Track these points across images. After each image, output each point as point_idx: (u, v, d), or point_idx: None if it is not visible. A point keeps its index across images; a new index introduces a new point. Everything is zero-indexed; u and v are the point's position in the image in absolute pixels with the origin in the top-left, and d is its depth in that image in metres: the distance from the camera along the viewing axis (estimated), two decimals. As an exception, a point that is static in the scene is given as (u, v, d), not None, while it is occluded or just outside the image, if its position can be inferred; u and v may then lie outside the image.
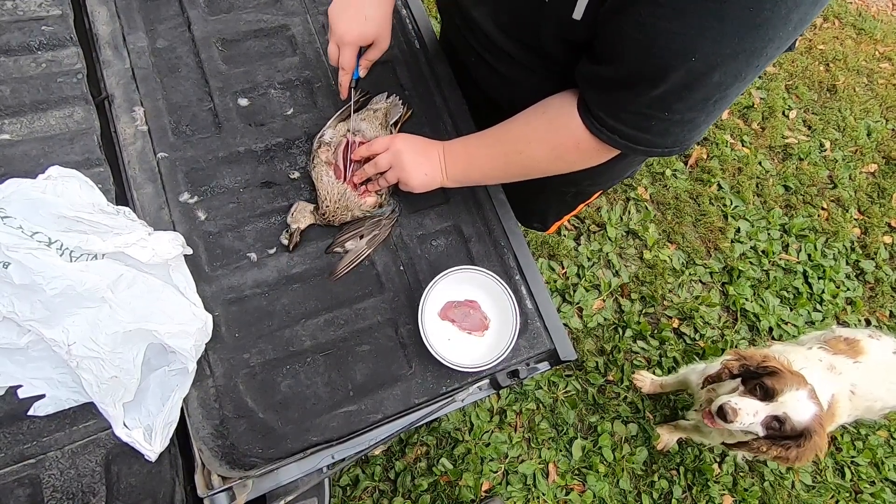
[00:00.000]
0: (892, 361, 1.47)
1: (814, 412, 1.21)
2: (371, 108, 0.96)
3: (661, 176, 2.20)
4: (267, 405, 0.79)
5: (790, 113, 2.47)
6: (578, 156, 0.73)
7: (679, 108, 0.59)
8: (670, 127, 0.62)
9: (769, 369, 1.28)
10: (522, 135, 0.76)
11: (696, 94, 0.57)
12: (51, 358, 0.72)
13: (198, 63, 0.96)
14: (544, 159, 0.75)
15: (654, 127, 0.62)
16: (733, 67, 0.53)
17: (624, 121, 0.63)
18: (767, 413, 1.24)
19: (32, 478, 0.69)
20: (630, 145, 0.65)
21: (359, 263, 0.88)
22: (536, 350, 0.89)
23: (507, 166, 0.80)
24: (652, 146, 0.64)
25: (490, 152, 0.81)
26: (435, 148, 0.85)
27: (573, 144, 0.71)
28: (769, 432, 1.26)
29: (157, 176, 0.87)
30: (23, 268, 0.67)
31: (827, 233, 2.25)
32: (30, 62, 0.89)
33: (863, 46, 2.74)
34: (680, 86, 0.56)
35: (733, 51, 0.51)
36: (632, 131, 0.63)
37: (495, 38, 0.80)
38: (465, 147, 0.83)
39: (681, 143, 0.65)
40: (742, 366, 1.33)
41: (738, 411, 1.25)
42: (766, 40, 0.50)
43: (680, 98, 0.57)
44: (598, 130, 0.66)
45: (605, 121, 0.64)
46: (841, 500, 1.83)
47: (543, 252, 1.99)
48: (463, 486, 1.63)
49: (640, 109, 0.61)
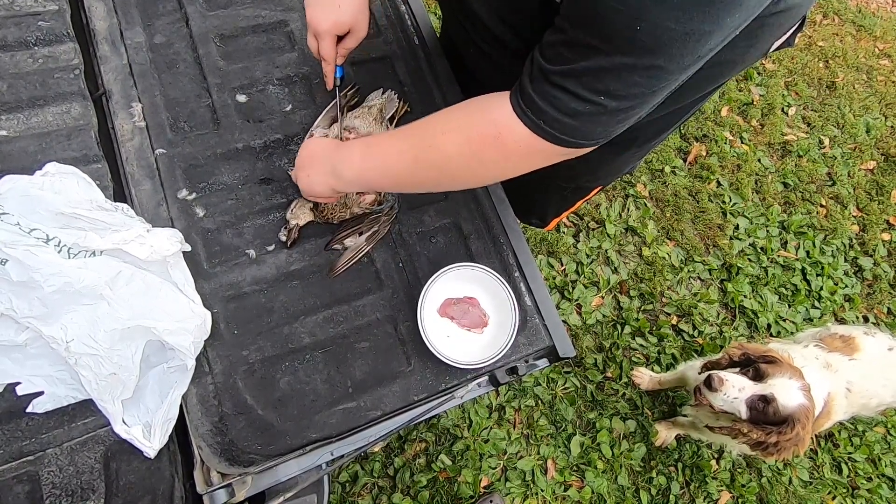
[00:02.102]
0: (887, 358, 1.47)
1: (802, 403, 1.20)
2: (366, 105, 0.95)
3: (661, 173, 2.20)
4: (266, 402, 0.79)
5: (789, 110, 2.47)
6: (497, 152, 0.64)
7: (616, 90, 0.54)
8: (602, 115, 0.57)
9: (769, 358, 1.27)
10: (436, 127, 0.68)
11: (636, 77, 0.53)
12: (49, 355, 0.72)
13: (196, 59, 0.96)
14: (457, 155, 0.66)
15: (584, 113, 0.57)
16: (678, 51, 0.50)
17: (555, 103, 0.57)
18: (754, 391, 1.22)
19: (31, 475, 0.69)
20: (554, 133, 0.60)
21: (358, 260, 0.88)
22: (535, 347, 0.89)
23: (415, 166, 0.69)
24: (577, 136, 0.60)
25: (395, 149, 0.71)
26: (330, 150, 0.78)
27: (492, 135, 0.63)
28: (752, 414, 1.23)
29: (155, 172, 0.87)
30: (20, 265, 0.67)
31: (825, 230, 2.25)
32: (26, 58, 0.89)
33: (862, 43, 2.74)
34: (621, 63, 0.52)
35: (682, 30, 0.48)
36: (560, 115, 0.58)
37: (494, 28, 0.79)
38: (367, 145, 0.74)
39: (606, 134, 0.61)
40: (743, 354, 1.33)
41: (725, 382, 1.23)
42: (714, 24, 0.48)
43: (618, 77, 0.53)
44: (522, 112, 0.60)
45: (534, 100, 0.59)
46: (838, 497, 1.84)
47: (542, 249, 1.99)
48: (462, 482, 1.63)
49: (576, 89, 0.56)
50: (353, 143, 0.77)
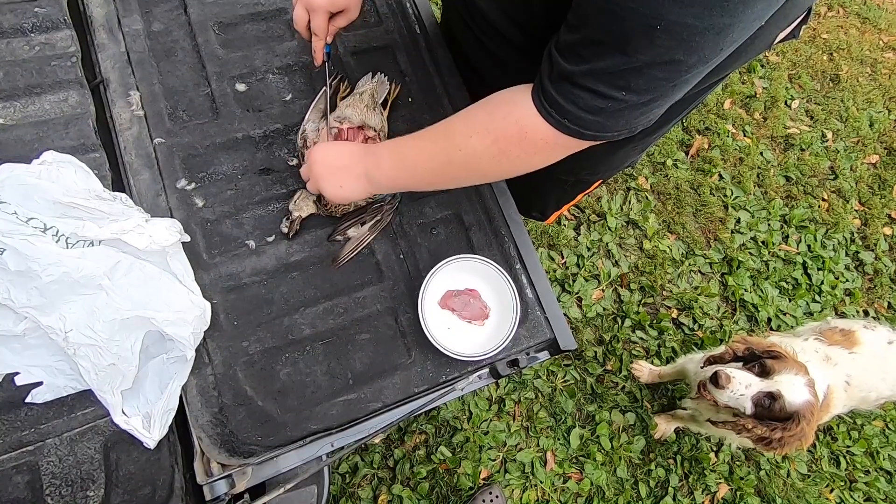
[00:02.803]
0: (886, 352, 1.47)
1: (808, 399, 1.20)
2: (357, 92, 0.93)
3: (662, 166, 2.19)
4: (266, 393, 0.79)
5: (792, 103, 2.46)
6: (523, 149, 0.66)
7: (639, 86, 0.55)
8: (624, 110, 0.58)
9: (774, 354, 1.27)
10: (462, 129, 0.69)
11: (657, 73, 0.53)
12: (48, 345, 0.72)
13: (194, 47, 0.94)
14: (485, 155, 0.68)
15: (607, 109, 0.58)
16: (698, 45, 0.50)
17: (577, 102, 0.58)
18: (761, 388, 1.22)
19: (31, 465, 0.69)
20: (580, 130, 0.60)
21: (360, 250, 0.88)
22: (536, 339, 0.89)
23: (446, 167, 0.72)
24: (602, 130, 0.60)
25: (426, 153, 0.73)
26: (357, 156, 0.78)
27: (517, 134, 0.64)
28: (757, 410, 1.23)
29: (153, 162, 0.86)
30: (18, 254, 0.66)
31: (827, 224, 2.24)
32: (23, 45, 0.87)
33: (867, 36, 2.72)
34: (643, 60, 0.52)
35: (702, 25, 0.48)
36: (583, 114, 0.59)
37: (495, 21, 0.78)
38: (397, 149, 0.76)
39: (630, 127, 0.61)
40: (747, 349, 1.32)
41: (732, 378, 1.23)
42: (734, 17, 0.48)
43: (641, 73, 0.54)
44: (546, 112, 0.61)
45: (557, 100, 0.59)
46: (836, 489, 1.85)
47: (543, 242, 1.98)
48: (461, 473, 1.64)
49: (598, 86, 0.56)
50: (381, 149, 0.77)
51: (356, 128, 0.89)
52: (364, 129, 0.90)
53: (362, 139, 0.89)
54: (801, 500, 1.81)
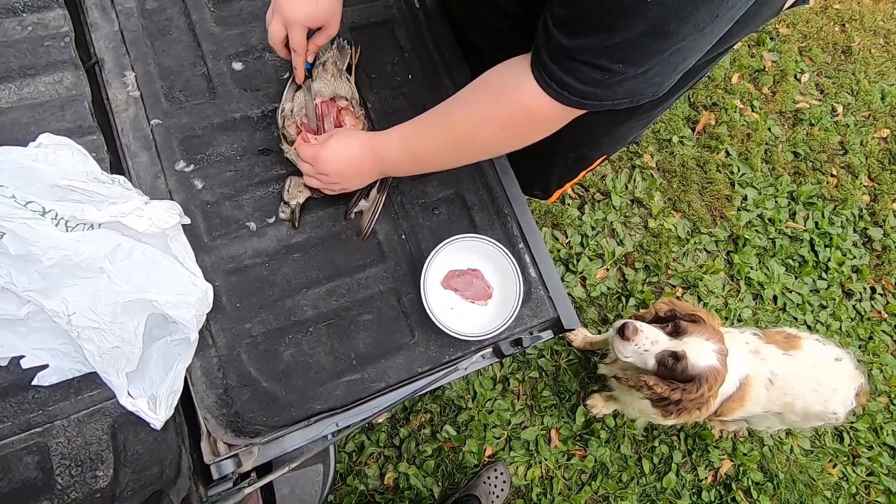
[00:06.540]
0: (827, 366, 1.39)
1: (713, 365, 1.15)
2: (319, 63, 0.90)
3: (668, 143, 2.16)
4: (270, 374, 0.79)
5: (802, 76, 2.40)
6: (530, 126, 0.69)
7: (634, 58, 0.55)
8: (623, 81, 0.58)
9: (694, 318, 1.21)
10: (468, 118, 0.72)
11: (651, 44, 0.53)
12: (52, 328, 0.72)
13: (189, 25, 0.92)
14: (496, 139, 0.72)
15: (606, 80, 0.58)
16: (690, 14, 0.50)
17: (577, 75, 0.59)
18: (667, 346, 1.17)
19: (40, 446, 0.70)
20: (580, 101, 0.61)
21: (380, 214, 0.87)
22: (540, 319, 0.88)
23: (457, 155, 0.77)
24: (602, 99, 0.61)
25: (437, 142, 0.76)
26: (366, 148, 0.79)
27: (522, 114, 0.67)
28: (660, 369, 1.18)
29: (151, 143, 0.85)
30: (18, 238, 0.66)
31: (835, 200, 2.21)
32: (14, 25, 0.86)
33: (881, 5, 2.64)
34: (636, 32, 0.52)
35: None
36: (583, 86, 0.59)
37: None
38: (405, 140, 0.78)
39: (632, 95, 0.61)
40: (670, 310, 1.27)
41: (639, 331, 1.18)
42: None
43: (636, 46, 0.54)
44: (547, 85, 0.62)
45: (556, 73, 0.60)
46: (839, 465, 1.86)
47: (547, 221, 1.97)
48: (466, 451, 1.66)
49: (594, 59, 0.57)
50: (391, 146, 0.78)
51: (329, 100, 0.87)
52: (336, 100, 0.88)
53: (336, 112, 0.87)
54: (804, 475, 1.83)
